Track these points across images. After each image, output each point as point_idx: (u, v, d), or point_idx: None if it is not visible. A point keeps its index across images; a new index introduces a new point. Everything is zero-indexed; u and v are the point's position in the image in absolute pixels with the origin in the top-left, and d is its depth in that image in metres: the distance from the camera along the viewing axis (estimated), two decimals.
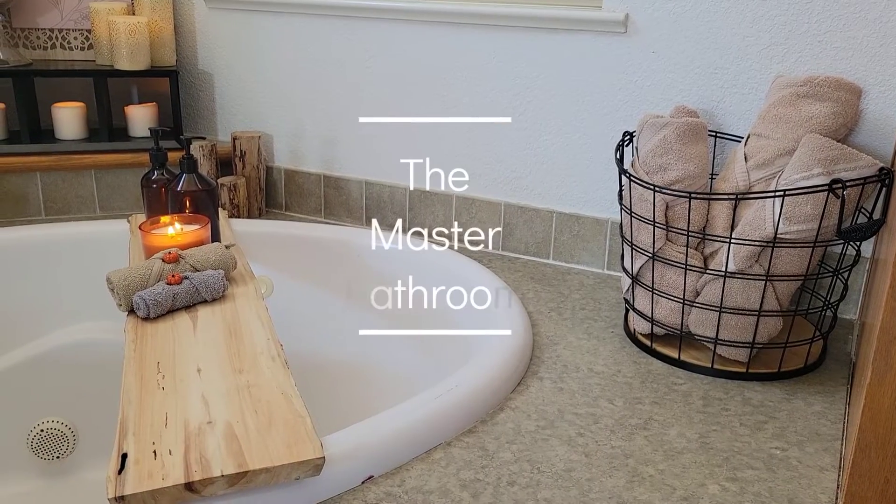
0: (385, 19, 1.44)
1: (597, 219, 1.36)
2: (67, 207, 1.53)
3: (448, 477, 0.79)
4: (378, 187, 1.53)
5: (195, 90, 1.69)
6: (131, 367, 0.86)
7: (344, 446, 0.77)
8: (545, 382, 0.99)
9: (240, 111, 1.65)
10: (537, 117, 1.37)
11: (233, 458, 0.70)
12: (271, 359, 0.88)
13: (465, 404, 0.89)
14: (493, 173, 1.43)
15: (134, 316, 0.99)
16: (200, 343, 0.91)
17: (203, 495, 0.68)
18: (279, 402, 0.79)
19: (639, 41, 1.25)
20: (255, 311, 1.00)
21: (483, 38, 1.37)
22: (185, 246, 1.09)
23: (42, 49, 1.64)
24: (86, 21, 1.63)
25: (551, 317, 1.19)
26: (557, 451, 0.84)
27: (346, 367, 1.41)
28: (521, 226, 1.42)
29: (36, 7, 1.61)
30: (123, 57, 1.52)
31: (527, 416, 0.91)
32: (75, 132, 1.56)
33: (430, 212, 1.49)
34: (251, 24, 1.58)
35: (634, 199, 1.07)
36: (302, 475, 0.71)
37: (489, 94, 1.39)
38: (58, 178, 1.51)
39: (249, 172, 1.56)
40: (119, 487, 0.65)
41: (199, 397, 0.79)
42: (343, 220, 1.58)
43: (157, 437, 0.73)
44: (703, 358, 1.05)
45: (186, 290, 1.00)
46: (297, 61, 1.55)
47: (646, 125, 1.09)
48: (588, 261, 1.38)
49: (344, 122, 1.54)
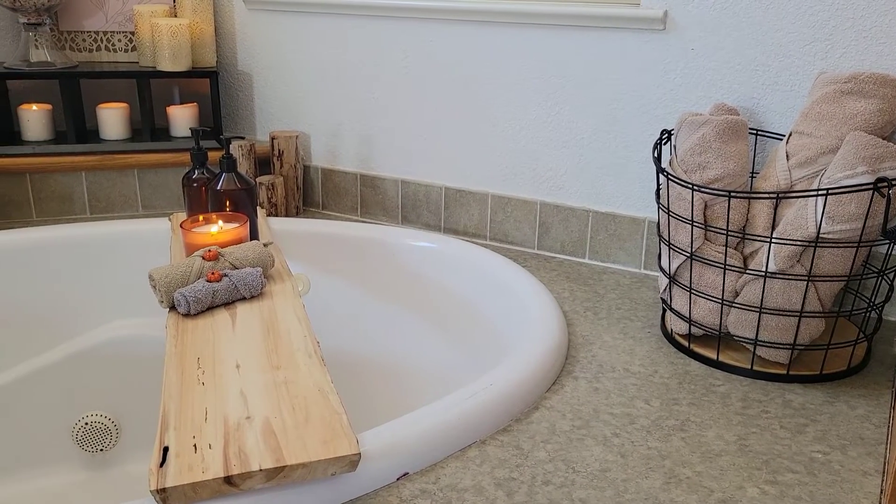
0: (422, 19, 1.45)
1: (633, 218, 1.35)
2: (111, 206, 1.57)
3: (482, 475, 0.79)
4: (414, 186, 1.54)
5: (234, 90, 1.71)
6: (172, 362, 0.88)
7: (379, 443, 0.78)
8: (580, 382, 0.99)
9: (278, 111, 1.67)
10: (573, 116, 1.36)
11: (270, 452, 0.71)
12: (308, 356, 0.89)
13: (500, 403, 0.89)
14: (528, 172, 1.43)
15: (175, 312, 1.01)
16: (239, 339, 0.93)
17: (241, 489, 0.69)
18: (316, 398, 0.80)
19: (678, 38, 1.24)
20: (293, 309, 1.01)
21: (520, 37, 1.37)
22: (225, 244, 1.11)
23: (87, 51, 1.68)
24: (129, 23, 1.67)
25: (587, 316, 1.18)
26: (593, 451, 0.84)
27: (381, 364, 1.42)
28: (556, 225, 1.42)
29: (82, 10, 1.65)
30: (165, 58, 1.55)
31: (562, 415, 0.91)
32: (119, 132, 1.60)
33: (466, 211, 1.50)
34: (290, 24, 1.59)
35: (672, 197, 1.06)
36: (338, 471, 0.72)
37: (525, 92, 1.39)
38: (102, 177, 1.55)
39: (287, 171, 1.58)
40: (161, 480, 0.67)
41: (237, 393, 0.81)
42: (379, 219, 1.59)
43: (197, 431, 0.74)
44: (742, 359, 1.04)
45: (226, 288, 1.02)
46: (334, 61, 1.57)
47: (684, 123, 1.08)
48: (624, 260, 1.37)
49: (381, 122, 1.55)
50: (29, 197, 1.52)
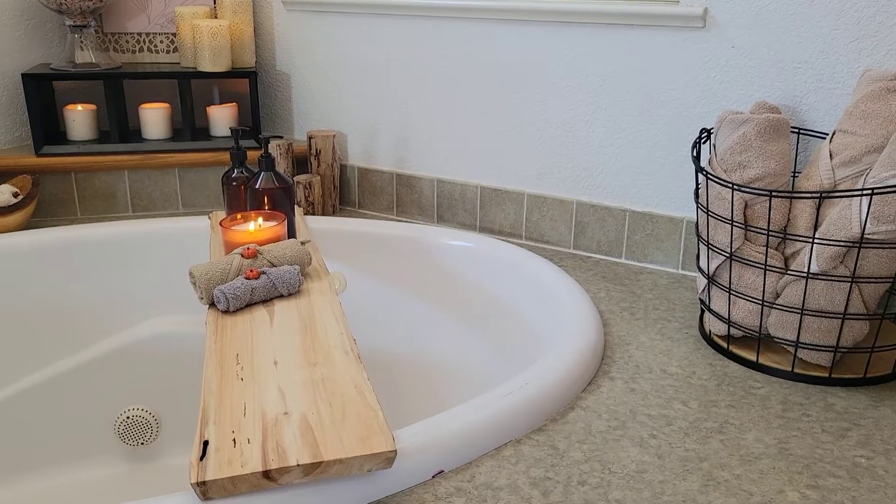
0: (458, 18, 1.45)
1: (671, 217, 1.33)
2: (152, 204, 1.60)
3: (518, 474, 0.79)
4: (449, 185, 1.54)
5: (273, 90, 1.73)
6: (212, 358, 0.89)
7: (415, 440, 0.78)
8: (616, 382, 0.98)
9: (315, 110, 1.69)
10: (610, 114, 1.35)
11: (308, 448, 0.71)
12: (345, 353, 0.89)
13: (536, 402, 0.88)
14: (564, 171, 1.42)
15: (214, 309, 1.02)
16: (277, 336, 0.94)
17: (279, 483, 0.70)
18: (352, 395, 0.80)
19: (718, 36, 1.22)
20: (330, 306, 1.02)
21: (556, 36, 1.36)
22: (263, 242, 1.12)
23: (130, 52, 1.71)
24: (171, 25, 1.70)
25: (623, 316, 1.17)
26: (629, 451, 0.83)
27: (416, 362, 1.43)
28: (592, 224, 1.41)
29: (125, 12, 1.68)
30: (206, 59, 1.57)
31: (598, 415, 0.90)
32: (160, 132, 1.63)
33: (501, 210, 1.49)
34: (327, 25, 1.61)
35: (711, 197, 1.04)
36: (374, 467, 0.73)
37: (562, 91, 1.38)
38: (144, 176, 1.58)
39: (324, 171, 1.59)
40: (201, 473, 0.68)
41: (275, 389, 0.82)
42: (415, 218, 1.60)
43: (236, 426, 0.75)
44: (782, 361, 1.02)
45: (264, 285, 1.03)
46: (371, 61, 1.58)
47: (724, 122, 1.06)
48: (662, 260, 1.36)
49: (417, 121, 1.56)
50: (74, 195, 1.55)
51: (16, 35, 1.60)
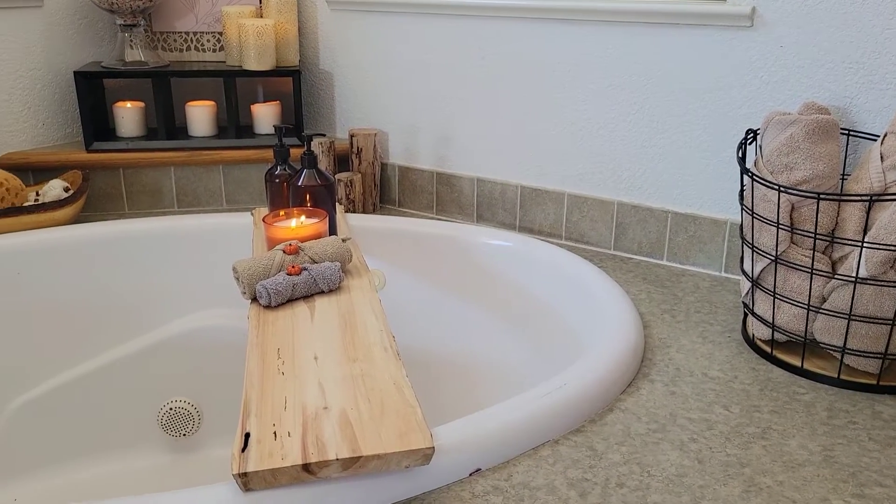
0: (500, 17, 1.45)
1: (714, 219, 1.31)
2: (197, 200, 1.63)
3: (555, 475, 0.79)
4: (489, 185, 1.54)
5: (316, 89, 1.75)
6: (254, 352, 0.90)
7: (453, 438, 0.78)
8: (656, 385, 0.97)
9: (357, 109, 1.70)
10: (654, 114, 1.34)
11: (347, 443, 0.72)
12: (384, 349, 0.90)
13: (574, 403, 0.88)
14: (605, 171, 1.41)
15: (256, 304, 1.04)
16: (317, 332, 0.95)
17: (318, 477, 0.71)
18: (391, 391, 0.81)
19: (766, 35, 1.20)
20: (369, 303, 1.03)
21: (602, 35, 1.35)
22: (305, 238, 1.13)
23: (178, 51, 1.74)
24: (218, 24, 1.73)
25: (664, 319, 1.16)
26: (669, 455, 0.83)
27: (454, 360, 1.43)
28: (633, 225, 1.40)
29: (174, 12, 1.72)
30: (251, 58, 1.59)
31: (637, 418, 0.90)
32: (206, 129, 1.66)
33: (542, 210, 1.49)
34: (370, 24, 1.62)
35: (757, 199, 1.03)
36: (412, 464, 0.73)
37: (605, 91, 1.37)
38: (189, 172, 1.61)
39: (365, 169, 1.60)
40: (243, 464, 0.69)
41: (315, 383, 0.83)
42: (454, 217, 1.60)
43: (277, 419, 0.76)
44: (828, 367, 1.00)
45: (305, 281, 1.04)
46: (413, 60, 1.58)
47: (771, 122, 1.04)
48: (704, 263, 1.34)
49: (458, 120, 1.56)
50: (122, 190, 1.59)
51: (69, 34, 1.64)
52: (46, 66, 1.62)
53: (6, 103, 1.56)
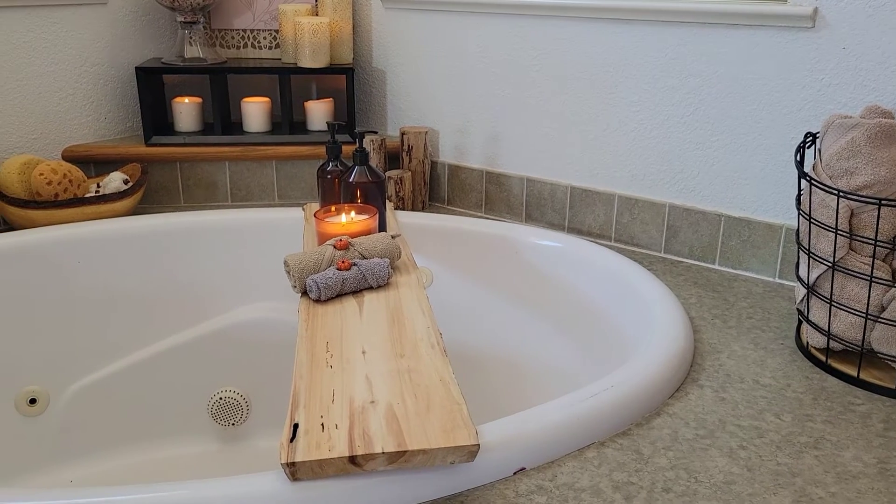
0: (555, 16, 1.44)
1: (770, 224, 1.29)
2: (250, 195, 1.66)
3: (600, 477, 0.78)
4: (539, 184, 1.54)
5: (368, 86, 1.77)
6: (303, 344, 0.92)
7: (498, 436, 0.78)
8: (706, 391, 0.95)
9: (409, 107, 1.71)
10: (709, 116, 1.31)
11: (393, 437, 0.73)
12: (431, 346, 0.91)
13: (621, 406, 0.87)
14: (658, 173, 1.39)
15: (306, 297, 1.05)
16: (365, 327, 0.96)
17: (364, 469, 0.71)
18: (437, 387, 0.81)
19: (828, 36, 1.17)
20: (417, 300, 1.04)
21: (657, 35, 1.34)
22: (355, 234, 1.14)
23: (235, 48, 1.78)
24: (274, 22, 1.76)
25: (715, 324, 1.14)
26: (717, 461, 0.81)
27: (500, 359, 1.43)
28: (685, 228, 1.38)
29: (232, 9, 1.75)
30: (306, 55, 1.62)
31: (685, 423, 0.88)
32: (260, 125, 1.68)
33: (591, 211, 1.48)
34: (424, 23, 1.63)
35: (815, 204, 1.00)
36: (456, 460, 0.73)
37: (659, 92, 1.36)
38: (243, 167, 1.64)
39: (415, 167, 1.61)
40: (291, 454, 0.70)
41: (363, 377, 0.84)
42: (503, 216, 1.60)
43: (324, 411, 0.77)
44: (886, 378, 0.97)
45: (354, 276, 1.05)
46: (466, 59, 1.59)
47: (832, 126, 1.02)
48: (758, 268, 1.31)
49: (508, 119, 1.56)
50: (178, 184, 1.63)
51: (131, 31, 1.69)
52: (109, 62, 1.67)
53: (71, 98, 1.61)
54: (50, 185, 1.41)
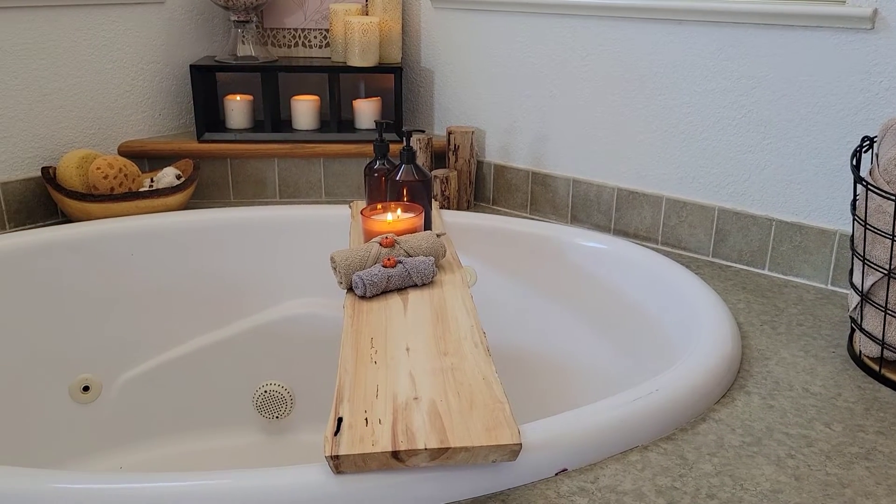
0: (604, 17, 1.43)
1: (822, 229, 1.26)
2: (298, 192, 1.68)
3: (643, 481, 0.78)
4: (585, 185, 1.53)
5: (416, 86, 1.78)
6: (349, 340, 0.93)
7: (540, 436, 0.78)
8: (753, 397, 0.94)
9: (456, 106, 1.72)
10: (762, 118, 1.29)
11: (436, 433, 0.73)
12: (474, 345, 0.91)
13: (666, 410, 0.86)
14: (707, 176, 1.37)
15: (352, 294, 1.07)
16: (410, 324, 0.97)
17: (407, 465, 0.72)
18: (480, 386, 0.82)
19: (888, 38, 1.14)
20: (461, 299, 1.04)
21: (709, 36, 1.32)
22: (401, 232, 1.15)
23: (286, 47, 1.81)
24: (325, 21, 1.78)
25: (763, 330, 1.12)
26: (764, 469, 0.80)
27: (543, 359, 1.42)
28: (734, 232, 1.35)
29: (284, 9, 1.78)
30: (355, 55, 1.63)
31: (731, 429, 0.87)
32: (309, 123, 1.71)
33: (638, 213, 1.46)
34: (472, 22, 1.63)
35: (871, 210, 0.98)
36: (498, 459, 0.73)
37: (711, 94, 1.34)
38: (291, 164, 1.66)
39: (461, 166, 1.62)
40: (335, 447, 0.71)
41: (406, 374, 0.84)
42: (548, 217, 1.60)
43: (368, 406, 0.78)
44: None
45: (400, 274, 1.06)
46: (514, 59, 1.59)
47: (890, 130, 0.99)
48: (809, 274, 1.28)
49: (556, 120, 1.55)
50: (228, 180, 1.66)
51: (186, 29, 1.73)
52: (165, 60, 1.71)
53: (128, 94, 1.66)
54: (106, 179, 1.45)
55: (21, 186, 1.49)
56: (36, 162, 1.53)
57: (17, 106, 1.48)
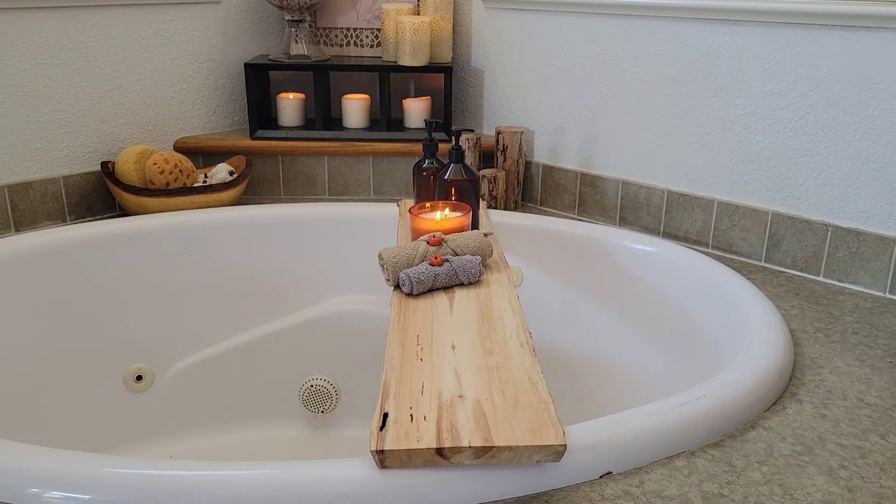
0: (657, 17, 1.41)
1: (882, 236, 1.22)
2: (347, 189, 1.70)
3: (690, 487, 0.77)
4: (635, 187, 1.51)
5: (465, 85, 1.78)
6: (395, 337, 0.94)
7: (585, 438, 0.78)
8: (805, 406, 0.92)
9: (505, 106, 1.72)
10: (819, 121, 1.26)
11: (480, 432, 0.73)
12: (520, 345, 0.91)
13: (714, 416, 0.85)
14: (761, 179, 1.35)
15: (399, 291, 1.07)
16: (456, 322, 0.97)
17: (451, 462, 0.72)
18: (525, 386, 0.81)
19: None
20: (507, 298, 1.04)
21: (765, 37, 1.29)
22: (448, 231, 1.16)
23: (338, 46, 1.83)
24: (377, 21, 1.79)
25: (817, 338, 1.09)
26: (815, 480, 0.78)
27: (588, 361, 1.41)
28: (788, 237, 1.33)
29: (337, 8, 1.80)
30: (406, 54, 1.64)
31: (781, 438, 0.85)
32: (359, 122, 1.72)
33: (688, 216, 1.44)
34: (523, 22, 1.63)
35: None
36: (543, 459, 0.73)
37: (767, 95, 1.31)
38: (341, 162, 1.68)
39: (509, 166, 1.62)
40: (380, 442, 0.72)
41: (452, 372, 0.85)
42: (596, 219, 1.58)
43: (414, 402, 0.79)
44: None
45: (446, 272, 1.07)
46: (564, 59, 1.58)
47: None
48: (866, 282, 1.25)
49: (606, 121, 1.54)
50: (279, 176, 1.69)
51: (241, 28, 1.76)
52: (220, 59, 1.74)
53: (185, 92, 1.70)
54: (162, 175, 1.49)
55: (81, 180, 1.54)
56: (96, 156, 1.57)
57: (79, 102, 1.53)
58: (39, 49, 1.46)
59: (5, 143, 1.45)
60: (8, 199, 1.45)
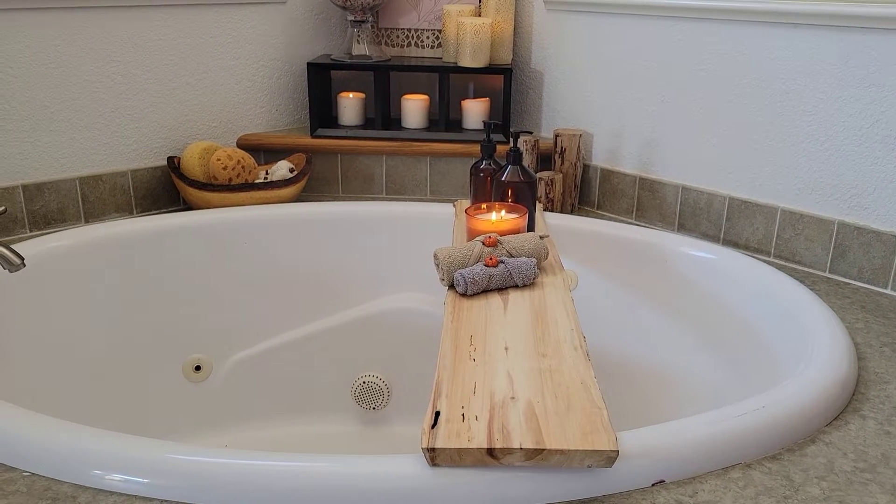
0: (721, 20, 1.39)
1: None
2: (403, 188, 1.71)
3: (745, 499, 0.75)
4: (695, 193, 1.49)
5: (525, 87, 1.78)
6: (448, 336, 0.94)
7: (638, 445, 0.77)
8: (868, 422, 0.89)
9: (564, 109, 1.71)
10: (891, 129, 1.22)
11: (531, 434, 0.73)
12: (573, 348, 0.90)
13: (772, 428, 0.83)
14: (827, 188, 1.31)
15: (453, 291, 1.08)
16: (509, 324, 0.97)
17: (501, 463, 0.72)
18: (578, 390, 0.81)
19: None
20: (562, 301, 1.03)
21: (829, 41, 1.25)
22: (504, 232, 1.16)
23: (399, 46, 1.84)
24: (438, 22, 1.80)
25: (883, 352, 1.06)
26: (877, 498, 0.76)
27: (643, 367, 1.40)
28: (855, 248, 1.29)
29: (399, 9, 1.82)
30: (466, 55, 1.65)
31: (843, 454, 0.83)
32: (418, 122, 1.74)
33: (750, 223, 1.41)
34: (585, 24, 1.61)
35: None
36: (594, 464, 0.73)
37: (835, 102, 1.27)
38: (399, 162, 1.70)
39: (567, 169, 1.61)
40: (432, 440, 0.72)
41: (504, 373, 0.85)
42: (654, 224, 1.56)
43: (465, 402, 0.79)
44: None
45: (501, 274, 1.07)
46: (625, 62, 1.56)
47: None
48: None
49: (667, 125, 1.52)
50: (338, 175, 1.71)
51: (305, 28, 1.79)
52: (284, 58, 1.78)
53: (249, 90, 1.73)
54: (225, 170, 1.53)
55: (148, 175, 1.59)
56: (162, 152, 1.62)
57: (147, 99, 1.58)
58: (114, 47, 1.51)
59: (79, 137, 1.50)
60: (79, 190, 1.50)
